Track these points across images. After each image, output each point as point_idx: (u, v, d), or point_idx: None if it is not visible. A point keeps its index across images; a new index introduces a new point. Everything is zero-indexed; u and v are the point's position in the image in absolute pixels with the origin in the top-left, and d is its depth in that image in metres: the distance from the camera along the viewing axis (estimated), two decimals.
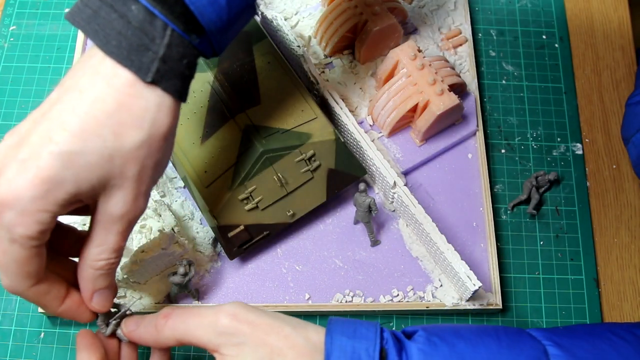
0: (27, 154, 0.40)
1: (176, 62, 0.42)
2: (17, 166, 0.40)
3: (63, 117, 0.40)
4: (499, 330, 0.48)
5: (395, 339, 0.47)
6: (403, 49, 0.65)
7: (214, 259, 0.64)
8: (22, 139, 0.41)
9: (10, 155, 0.41)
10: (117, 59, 0.40)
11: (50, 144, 0.40)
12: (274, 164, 0.58)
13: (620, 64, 0.76)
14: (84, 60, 0.42)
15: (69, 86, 0.42)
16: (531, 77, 0.75)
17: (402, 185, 0.63)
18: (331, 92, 0.67)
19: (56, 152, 0.40)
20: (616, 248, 0.67)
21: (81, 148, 0.40)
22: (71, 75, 0.42)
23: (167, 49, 0.41)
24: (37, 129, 0.41)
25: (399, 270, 0.64)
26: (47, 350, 0.61)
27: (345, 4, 0.68)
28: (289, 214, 0.61)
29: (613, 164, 0.71)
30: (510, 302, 0.64)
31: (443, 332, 0.47)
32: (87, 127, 0.40)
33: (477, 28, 0.77)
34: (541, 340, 0.47)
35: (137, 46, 0.40)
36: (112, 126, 0.40)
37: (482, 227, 0.65)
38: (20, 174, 0.40)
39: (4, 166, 0.40)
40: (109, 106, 0.40)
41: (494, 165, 0.70)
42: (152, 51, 0.40)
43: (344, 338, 0.45)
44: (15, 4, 0.77)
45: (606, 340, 0.47)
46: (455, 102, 0.63)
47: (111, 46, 0.40)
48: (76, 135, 0.40)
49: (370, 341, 0.45)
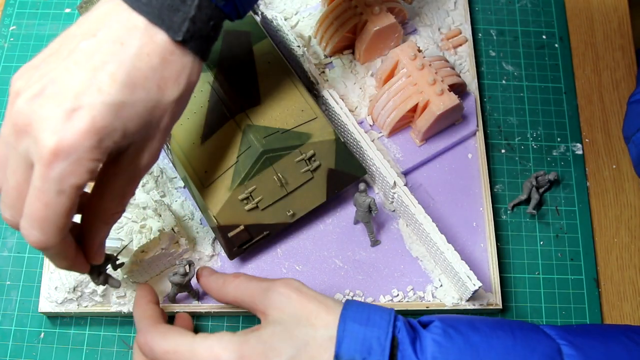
0: (74, 104, 0.40)
1: (204, 23, 0.44)
2: (63, 115, 0.40)
3: (110, 68, 0.41)
4: (513, 325, 0.48)
5: (410, 327, 0.47)
6: (403, 49, 0.65)
7: (214, 259, 0.64)
8: (54, 87, 0.41)
9: (42, 105, 0.40)
10: (148, 17, 0.42)
11: (101, 94, 0.40)
12: (274, 164, 0.58)
13: (620, 64, 0.76)
14: (106, 13, 0.43)
15: (104, 37, 0.42)
16: (531, 77, 0.75)
17: (402, 185, 0.63)
18: (331, 92, 0.67)
19: (108, 102, 0.40)
20: (616, 248, 0.67)
21: (130, 99, 0.41)
22: (98, 26, 0.42)
23: (197, 10, 0.43)
24: (75, 77, 0.41)
25: (399, 270, 0.64)
26: (47, 350, 0.61)
27: (345, 4, 0.68)
28: (289, 214, 0.61)
29: (613, 164, 0.71)
30: (510, 302, 0.64)
31: (459, 323, 0.47)
32: (136, 79, 0.41)
33: (477, 28, 0.77)
34: (555, 338, 0.47)
35: (167, 6, 0.42)
36: (156, 80, 0.42)
37: (482, 227, 0.65)
38: (72, 123, 0.40)
39: (40, 118, 0.40)
40: (154, 61, 0.42)
41: (494, 165, 0.70)
42: (182, 11, 0.42)
43: (356, 325, 0.46)
44: (15, 4, 0.77)
45: (620, 343, 0.47)
46: (455, 102, 0.63)
47: (141, 3, 0.42)
48: (126, 86, 0.41)
49: (382, 329, 0.46)
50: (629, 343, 0.47)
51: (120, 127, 0.41)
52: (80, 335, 0.61)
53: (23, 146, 0.41)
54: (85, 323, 0.62)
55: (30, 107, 0.40)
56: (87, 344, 0.61)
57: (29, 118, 0.40)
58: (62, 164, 0.40)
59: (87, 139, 0.40)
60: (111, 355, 0.61)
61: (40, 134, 0.40)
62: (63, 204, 0.41)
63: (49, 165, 0.40)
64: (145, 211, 0.58)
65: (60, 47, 0.43)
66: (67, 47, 0.42)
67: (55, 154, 0.39)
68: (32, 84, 0.41)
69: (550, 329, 0.48)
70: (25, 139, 0.40)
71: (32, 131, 0.40)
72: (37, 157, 0.40)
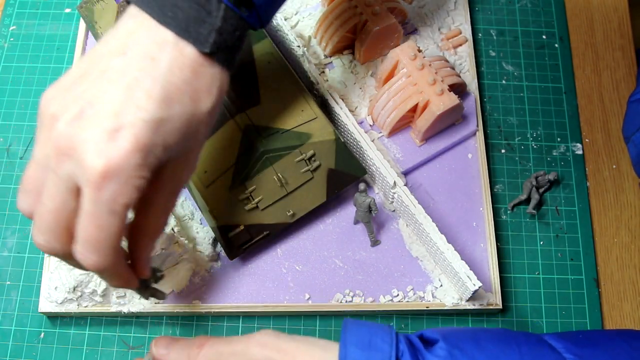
0: (115, 124, 0.40)
1: (230, 34, 0.44)
2: (106, 136, 0.40)
3: (145, 85, 0.41)
4: (520, 340, 0.47)
5: (412, 348, 0.45)
6: (403, 49, 0.65)
7: (214, 259, 0.64)
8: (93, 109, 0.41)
9: (84, 128, 0.40)
10: (175, 30, 0.42)
11: (141, 111, 0.40)
12: (274, 164, 0.58)
13: (620, 64, 0.76)
14: (132, 29, 0.43)
15: (135, 54, 0.42)
16: (531, 77, 0.75)
17: (402, 185, 0.63)
18: (331, 92, 0.67)
19: (148, 119, 0.40)
20: (616, 248, 0.67)
21: (167, 114, 0.41)
22: (127, 43, 0.42)
23: (223, 22, 0.43)
24: (112, 97, 0.41)
25: (399, 270, 0.64)
26: (47, 350, 0.61)
27: (345, 4, 0.68)
28: (289, 214, 0.61)
29: (613, 164, 0.71)
30: (510, 302, 0.64)
31: (464, 343, 0.46)
32: (171, 94, 0.42)
33: (477, 28, 0.77)
34: (562, 352, 0.46)
35: (194, 18, 0.42)
36: (190, 93, 0.43)
37: (482, 227, 0.65)
38: (116, 143, 0.40)
39: (83, 141, 0.40)
40: (186, 74, 0.42)
41: (494, 165, 0.70)
42: (208, 23, 0.43)
43: (358, 351, 0.44)
44: (15, 4, 0.77)
45: (626, 355, 0.46)
46: (455, 102, 0.63)
47: (167, 17, 0.42)
48: (163, 102, 0.41)
49: (385, 354, 0.44)
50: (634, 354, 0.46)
51: (161, 142, 0.41)
52: (80, 335, 0.61)
53: (65, 170, 0.40)
54: (85, 323, 0.62)
55: (71, 131, 0.40)
56: (87, 344, 0.61)
57: (71, 142, 0.40)
58: (112, 185, 0.40)
59: (132, 157, 0.40)
60: (111, 355, 0.61)
61: (86, 157, 0.39)
62: (116, 224, 0.41)
63: (99, 188, 0.40)
64: None
65: (90, 67, 0.43)
66: (97, 67, 0.42)
67: (104, 176, 0.39)
68: (69, 107, 0.41)
69: (556, 341, 0.47)
70: (68, 163, 0.40)
71: (76, 155, 0.40)
72: (85, 181, 0.40)
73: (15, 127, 0.70)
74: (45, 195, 0.42)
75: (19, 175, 0.68)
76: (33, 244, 0.64)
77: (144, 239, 0.46)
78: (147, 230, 0.46)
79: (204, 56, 0.43)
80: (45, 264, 0.62)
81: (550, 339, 0.47)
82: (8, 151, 0.69)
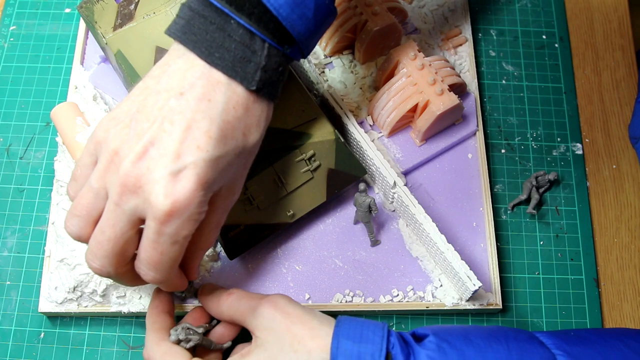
0: (179, 165, 0.43)
1: (274, 70, 0.47)
2: (171, 177, 0.43)
3: (203, 126, 0.44)
4: (509, 335, 0.48)
5: (404, 342, 0.47)
6: (403, 49, 0.65)
7: (214, 259, 0.64)
8: (155, 149, 0.44)
9: (149, 168, 0.43)
10: (223, 70, 0.45)
11: (201, 151, 0.44)
12: (274, 164, 0.58)
13: (620, 64, 0.76)
14: (184, 69, 0.45)
15: (191, 96, 0.44)
16: (531, 77, 0.75)
17: (402, 185, 0.63)
18: (331, 92, 0.67)
19: (208, 159, 0.44)
20: (616, 248, 0.67)
21: (224, 151, 0.45)
22: (182, 84, 0.45)
23: (267, 60, 0.46)
24: (173, 137, 0.44)
25: (399, 270, 0.64)
26: (47, 350, 0.61)
27: (345, 4, 0.68)
28: (289, 214, 0.61)
29: (613, 164, 0.71)
30: (510, 302, 0.64)
31: (453, 337, 0.47)
32: (226, 132, 0.45)
33: (477, 28, 0.77)
34: (551, 348, 0.47)
35: (240, 58, 0.45)
36: (242, 128, 0.46)
37: (482, 227, 0.65)
38: (181, 184, 0.43)
39: (149, 181, 0.43)
40: (239, 112, 0.46)
41: (494, 165, 0.70)
42: (254, 62, 0.46)
43: (350, 342, 0.47)
44: (15, 4, 0.77)
45: (618, 352, 0.46)
46: (455, 102, 0.63)
47: (215, 58, 0.45)
48: (220, 141, 0.44)
49: (376, 345, 0.46)
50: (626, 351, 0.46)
51: (218, 178, 0.45)
52: (80, 335, 0.61)
53: (130, 205, 0.44)
54: (85, 323, 0.62)
55: (137, 170, 0.43)
56: (87, 344, 0.61)
57: (138, 181, 0.43)
58: (176, 222, 0.44)
59: (196, 196, 0.43)
60: (111, 355, 0.61)
61: (153, 196, 0.43)
62: (176, 250, 0.46)
63: (164, 224, 0.44)
64: None
65: (146, 102, 0.45)
66: (154, 105, 0.45)
67: (170, 214, 0.43)
68: (132, 146, 0.44)
69: (547, 338, 0.48)
70: (134, 200, 0.44)
71: (142, 193, 0.43)
72: (151, 216, 0.44)
73: (15, 127, 0.70)
74: (105, 225, 0.45)
75: (19, 175, 0.68)
76: (33, 243, 0.65)
77: (198, 251, 0.51)
78: (201, 245, 0.50)
79: (252, 93, 0.46)
80: (45, 264, 0.62)
81: (542, 336, 0.48)
82: (8, 151, 0.69)
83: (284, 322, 0.49)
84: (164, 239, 0.44)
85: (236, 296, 0.53)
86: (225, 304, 0.53)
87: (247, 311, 0.52)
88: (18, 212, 0.66)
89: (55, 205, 0.63)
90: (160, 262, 0.46)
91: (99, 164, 0.46)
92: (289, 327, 0.49)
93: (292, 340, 0.48)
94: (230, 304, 0.53)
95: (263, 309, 0.51)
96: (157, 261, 0.46)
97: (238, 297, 0.53)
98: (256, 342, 0.50)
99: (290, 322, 0.49)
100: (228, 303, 0.53)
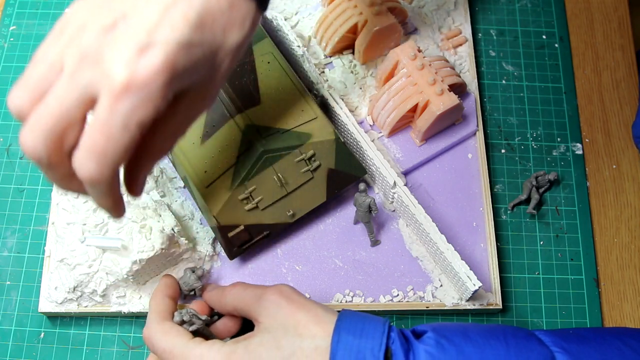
0: (147, 40, 0.39)
1: None
2: (137, 51, 0.39)
3: (182, 7, 0.41)
4: (507, 332, 0.48)
5: (404, 338, 0.47)
6: (403, 49, 0.65)
7: (214, 259, 0.64)
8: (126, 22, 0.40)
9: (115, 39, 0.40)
10: None
11: (175, 31, 0.40)
12: (274, 164, 0.58)
13: (620, 64, 0.76)
14: None
15: None
16: (531, 77, 0.75)
17: (402, 185, 0.63)
18: (331, 92, 0.67)
19: (180, 41, 0.40)
20: (616, 248, 0.67)
21: (199, 40, 0.41)
22: None
23: None
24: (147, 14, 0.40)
25: (399, 270, 0.64)
26: (47, 350, 0.61)
27: (345, 4, 0.68)
28: (289, 214, 0.61)
29: (613, 164, 0.71)
30: (510, 302, 0.64)
31: (451, 333, 0.47)
32: (205, 20, 0.41)
33: (477, 28, 0.77)
34: (550, 346, 0.47)
35: None
36: (224, 23, 0.43)
37: (482, 227, 0.65)
38: (146, 59, 0.39)
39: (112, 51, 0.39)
40: (223, 5, 0.42)
41: (494, 165, 0.70)
42: None
43: (350, 337, 0.46)
44: (15, 4, 0.77)
45: (616, 350, 0.46)
46: (455, 102, 0.63)
47: None
48: (197, 27, 0.41)
49: (376, 340, 0.46)
50: (625, 350, 0.46)
51: (189, 67, 0.41)
52: (80, 335, 0.61)
53: (85, 76, 0.40)
54: (85, 323, 0.62)
55: (101, 40, 0.40)
56: (87, 344, 0.61)
57: (99, 52, 0.39)
58: (132, 99, 0.39)
59: (159, 76, 0.39)
60: (111, 355, 0.61)
61: (112, 66, 0.39)
62: (125, 139, 0.40)
63: (118, 98, 0.39)
64: (145, 211, 0.58)
65: None
66: None
67: (126, 87, 0.39)
68: (101, 18, 0.40)
69: (545, 335, 0.48)
70: (90, 70, 0.40)
71: (102, 63, 0.39)
72: (105, 90, 0.39)
73: (15, 127, 0.70)
74: (52, 97, 0.41)
75: (19, 175, 0.68)
76: (33, 243, 0.65)
77: (146, 158, 0.46)
78: (151, 150, 0.45)
79: None
80: (45, 264, 0.62)
81: (540, 334, 0.48)
82: (8, 151, 0.69)
83: (288, 307, 0.49)
84: (114, 118, 0.39)
85: (240, 286, 0.54)
86: (231, 294, 0.54)
87: (252, 300, 0.52)
88: (18, 212, 0.66)
89: (55, 205, 0.63)
90: (104, 150, 0.40)
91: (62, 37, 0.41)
92: (293, 313, 0.49)
93: (296, 325, 0.48)
94: (236, 293, 0.53)
95: (268, 295, 0.51)
96: (101, 148, 0.40)
97: (243, 287, 0.53)
98: (259, 327, 0.50)
99: (295, 308, 0.49)
100: (233, 292, 0.53)
